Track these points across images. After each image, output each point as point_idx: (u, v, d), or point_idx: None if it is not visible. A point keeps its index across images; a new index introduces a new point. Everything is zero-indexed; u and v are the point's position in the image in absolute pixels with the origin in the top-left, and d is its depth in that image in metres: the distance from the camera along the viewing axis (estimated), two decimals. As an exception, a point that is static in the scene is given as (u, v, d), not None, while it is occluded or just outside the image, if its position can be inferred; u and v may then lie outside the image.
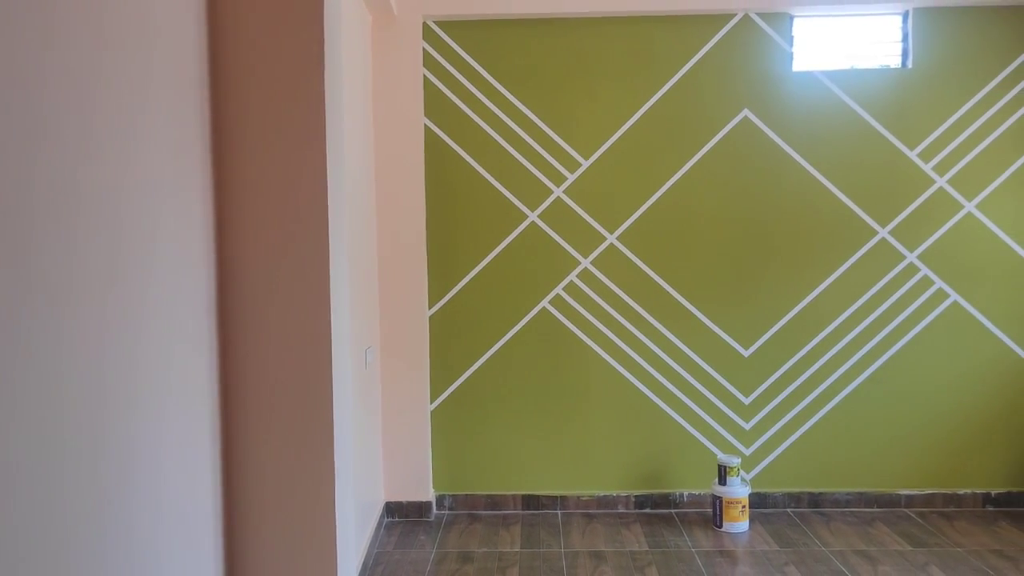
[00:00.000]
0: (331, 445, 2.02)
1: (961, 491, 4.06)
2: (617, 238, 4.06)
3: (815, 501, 4.09)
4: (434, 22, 4.02)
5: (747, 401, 4.09)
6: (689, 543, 3.69)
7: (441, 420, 4.13)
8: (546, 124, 4.04)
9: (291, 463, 2.01)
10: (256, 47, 1.97)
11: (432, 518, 4.06)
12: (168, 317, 1.73)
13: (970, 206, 4.00)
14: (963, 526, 3.83)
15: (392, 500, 4.07)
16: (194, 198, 1.87)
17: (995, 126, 3.97)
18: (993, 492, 4.06)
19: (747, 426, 4.09)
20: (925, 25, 3.96)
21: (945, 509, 4.05)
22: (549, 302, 4.09)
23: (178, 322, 1.78)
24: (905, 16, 4.00)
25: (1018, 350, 4.02)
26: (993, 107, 3.97)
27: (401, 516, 4.06)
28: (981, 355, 4.03)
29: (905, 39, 4.01)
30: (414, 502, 4.06)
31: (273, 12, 1.96)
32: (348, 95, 3.28)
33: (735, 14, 3.98)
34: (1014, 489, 4.06)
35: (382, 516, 3.98)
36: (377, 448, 3.95)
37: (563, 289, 4.08)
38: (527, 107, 4.04)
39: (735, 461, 3.87)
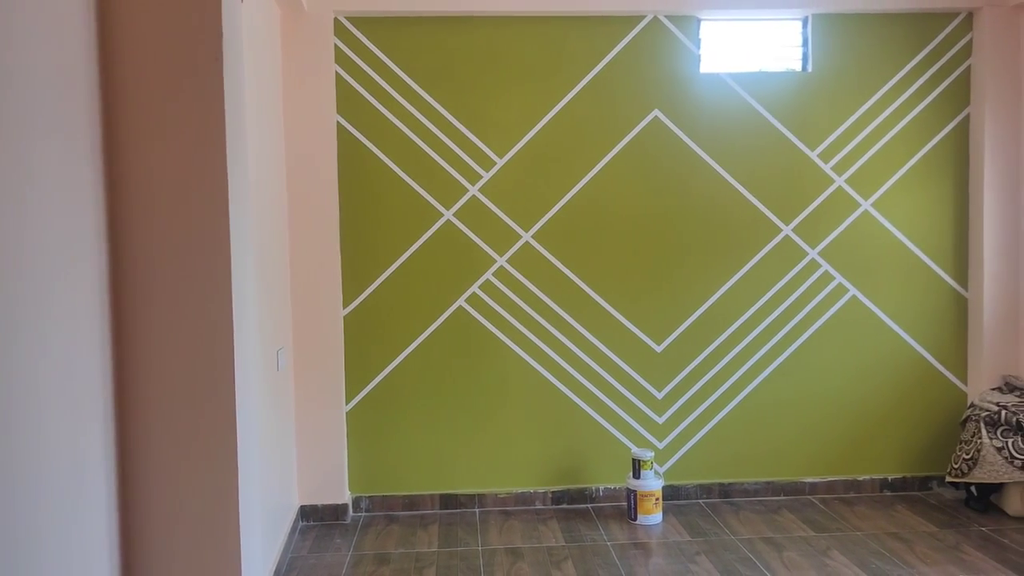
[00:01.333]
0: (235, 449, 1.97)
1: (860, 477, 4.25)
2: (532, 236, 4.09)
3: (725, 491, 4.21)
4: (346, 18, 3.96)
5: (660, 396, 4.18)
6: (605, 537, 3.75)
7: (357, 421, 4.07)
8: (460, 122, 4.03)
9: (192, 469, 1.95)
10: (150, 40, 1.90)
11: (348, 521, 4.01)
12: (55, 317, 1.65)
13: (866, 204, 4.18)
14: (862, 511, 4.01)
15: (307, 503, 3.99)
16: (83, 196, 1.79)
17: (888, 128, 4.17)
18: (890, 477, 4.26)
19: (660, 420, 4.18)
20: (823, 31, 4.12)
21: (846, 495, 4.23)
22: (465, 300, 4.08)
23: (67, 323, 1.70)
24: (805, 21, 4.16)
25: (912, 342, 4.23)
26: (886, 110, 4.16)
27: (316, 519, 3.99)
28: (878, 348, 4.22)
29: (805, 44, 4.16)
30: (330, 505, 4.00)
31: (168, 3, 1.90)
32: (256, 91, 3.20)
33: (644, 16, 4.05)
34: (908, 474, 4.28)
35: (297, 520, 3.90)
36: (291, 451, 3.87)
37: (479, 287, 4.08)
38: (441, 105, 4.02)
39: (648, 455, 3.95)
